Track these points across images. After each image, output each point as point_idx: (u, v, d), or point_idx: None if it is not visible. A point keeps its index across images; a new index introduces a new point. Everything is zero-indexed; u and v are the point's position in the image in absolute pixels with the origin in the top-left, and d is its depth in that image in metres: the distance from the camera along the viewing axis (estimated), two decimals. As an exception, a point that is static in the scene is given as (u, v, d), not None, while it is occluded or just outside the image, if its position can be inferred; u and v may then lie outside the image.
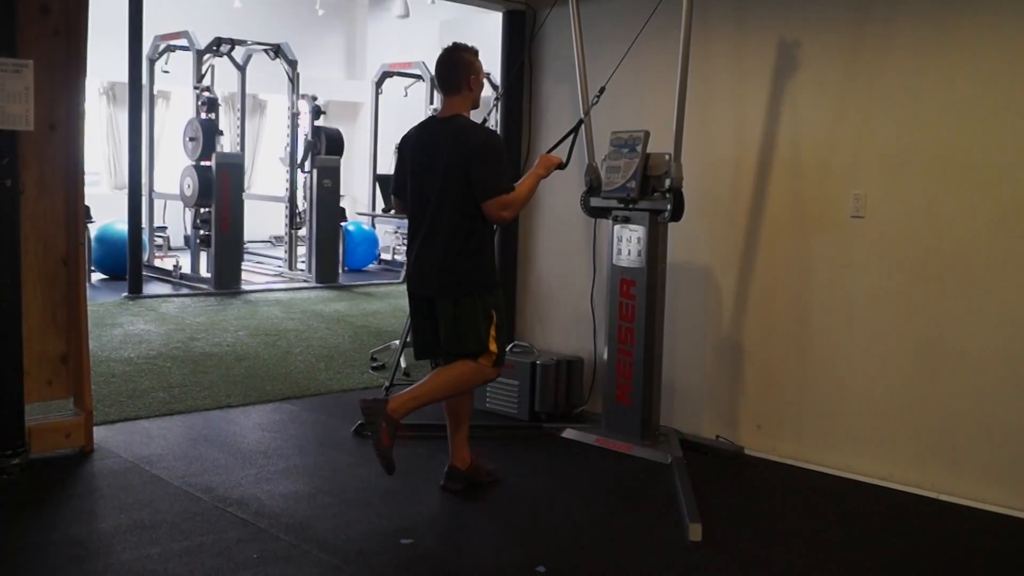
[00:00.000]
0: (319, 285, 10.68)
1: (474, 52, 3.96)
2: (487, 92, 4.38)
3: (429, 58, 13.61)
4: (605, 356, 4.91)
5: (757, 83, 4.84)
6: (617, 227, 4.78)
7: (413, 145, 3.99)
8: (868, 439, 4.51)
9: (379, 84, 13.20)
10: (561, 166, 4.18)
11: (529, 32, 5.85)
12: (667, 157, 4.58)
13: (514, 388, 5.35)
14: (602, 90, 4.77)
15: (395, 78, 13.33)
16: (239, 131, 11.71)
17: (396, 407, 3.79)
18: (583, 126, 4.81)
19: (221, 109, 11.53)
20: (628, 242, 4.74)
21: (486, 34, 5.77)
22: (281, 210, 11.72)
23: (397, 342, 6.45)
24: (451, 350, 3.91)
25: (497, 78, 7.10)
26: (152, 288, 9.84)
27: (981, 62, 4.14)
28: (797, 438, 4.75)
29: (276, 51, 11.10)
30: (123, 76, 9.32)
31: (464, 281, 3.85)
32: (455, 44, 3.96)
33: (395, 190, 4.10)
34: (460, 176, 3.79)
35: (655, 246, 4.68)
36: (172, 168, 11.90)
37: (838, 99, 4.56)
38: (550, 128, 5.87)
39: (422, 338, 4.06)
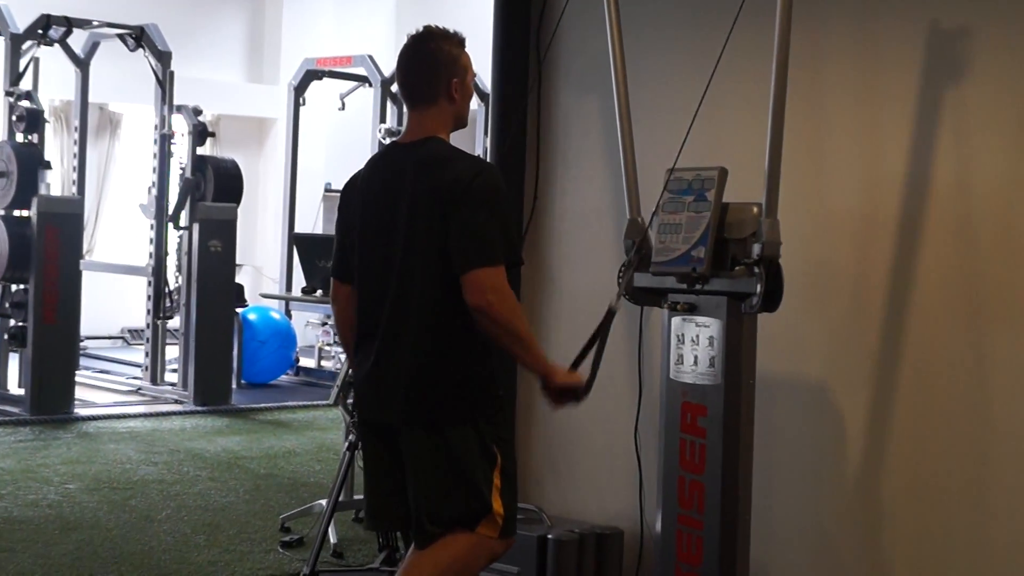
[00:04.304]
0: (200, 408, 10.63)
1: (458, 41, 4.01)
2: (474, 103, 4.38)
3: (379, 50, 13.82)
4: (658, 527, 4.86)
5: (897, 95, 4.89)
6: (676, 320, 4.78)
7: (365, 191, 4.01)
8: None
9: (301, 90, 13.34)
10: (577, 395, 3.97)
11: (537, 14, 5.94)
12: (755, 210, 4.60)
13: (512, 579, 5.29)
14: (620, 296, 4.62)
15: (325, 81, 13.48)
16: (76, 162, 11.78)
17: None
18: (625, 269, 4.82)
19: (49, 127, 11.60)
20: (694, 344, 4.72)
21: (466, 17, 5.86)
22: (141, 288, 11.72)
23: (324, 502, 6.39)
24: (430, 516, 3.88)
25: (486, 84, 7.17)
26: (-69, 413, 9.82)
27: None
28: (970, 661, 4.68)
29: (138, 37, 11.21)
30: None
31: (450, 400, 3.83)
32: (428, 29, 4.02)
33: (335, 268, 4.10)
34: (437, 232, 3.81)
35: (737, 351, 4.66)
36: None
37: (1027, 120, 4.63)
38: (569, 166, 5.91)
39: (380, 496, 4.03)
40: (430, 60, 3.97)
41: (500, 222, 3.84)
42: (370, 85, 12.98)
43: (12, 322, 10.27)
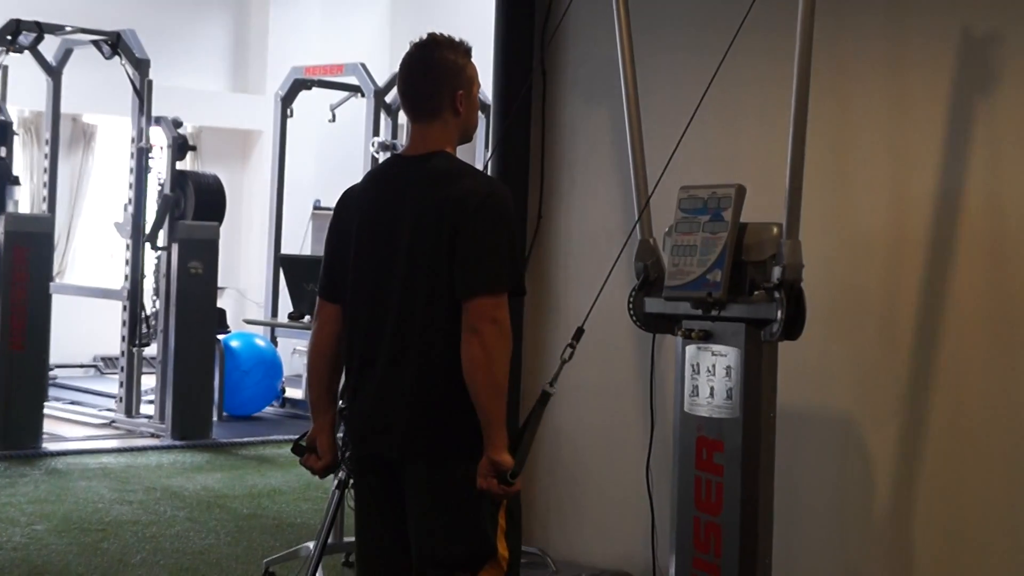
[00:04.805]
0: (178, 443, 10.59)
1: (464, 51, 4.01)
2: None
3: (372, 58, 13.82)
4: (672, 572, 4.85)
5: (927, 106, 4.91)
6: (691, 349, 4.78)
7: (363, 205, 4.02)
8: None
9: (288, 100, 13.36)
10: (504, 477, 3.76)
11: (541, 19, 5.96)
12: (775, 230, 4.60)
13: (513, 627, 5.28)
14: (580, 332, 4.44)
15: (315, 91, 13.50)
16: (47, 177, 11.78)
17: None
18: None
19: (18, 139, 11.61)
20: (710, 374, 4.73)
21: (466, 22, 5.87)
22: (116, 313, 11.72)
23: (311, 544, 6.38)
24: (431, 559, 3.88)
25: (487, 95, 7.18)
26: None
27: None
28: None
29: (113, 44, 11.21)
30: None
31: (455, 432, 3.83)
32: (432, 37, 4.01)
33: (322, 286, 4.11)
34: (443, 252, 3.82)
35: (757, 382, 4.66)
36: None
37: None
38: (576, 182, 5.91)
39: (372, 538, 4.02)
40: (434, 70, 3.96)
41: (509, 247, 3.85)
42: (362, 95, 12.97)
43: (-24, 350, 10.26)
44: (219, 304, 11.56)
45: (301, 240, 14.39)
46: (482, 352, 3.74)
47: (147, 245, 11.25)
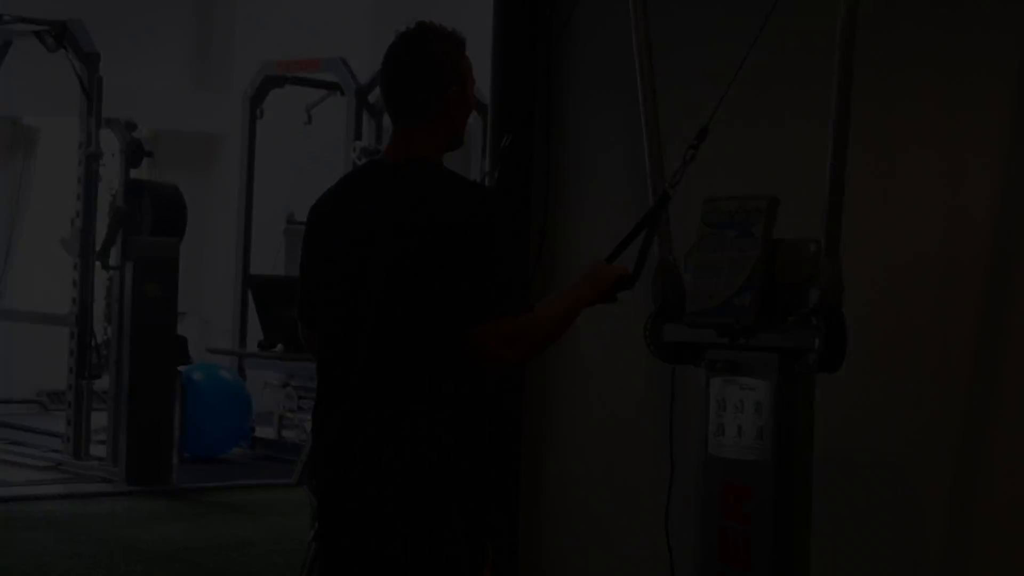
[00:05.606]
0: (133, 489, 10.60)
1: (456, 42, 4.01)
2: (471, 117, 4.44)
3: (353, 52, 13.86)
4: (695, 637, 4.84)
5: (987, 108, 4.91)
6: (716, 382, 4.77)
7: (335, 217, 4.03)
8: None
9: (258, 100, 13.37)
10: (625, 283, 4.16)
11: (546, 7, 5.95)
12: (813, 247, 4.60)
13: None
14: (691, 153, 4.70)
15: (288, 89, 13.51)
16: (-15, 188, 11.84)
17: None
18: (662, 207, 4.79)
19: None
20: (738, 411, 4.72)
21: (460, 11, 5.86)
22: (63, 341, 11.72)
23: (284, 605, 6.37)
24: None
25: (484, 94, 7.19)
26: None
27: None
28: None
29: (58, 35, 11.23)
30: None
31: (433, 480, 3.82)
32: (422, 27, 4.02)
33: (301, 311, 4.11)
34: (424, 277, 3.81)
35: (790, 419, 4.65)
36: None
37: None
38: (585, 194, 5.90)
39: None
40: (423, 65, 3.95)
41: (509, 270, 3.84)
42: (342, 94, 13.01)
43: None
44: (179, 331, 11.56)
45: (273, 259, 14.36)
46: (527, 360, 3.94)
47: (97, 264, 11.26)
